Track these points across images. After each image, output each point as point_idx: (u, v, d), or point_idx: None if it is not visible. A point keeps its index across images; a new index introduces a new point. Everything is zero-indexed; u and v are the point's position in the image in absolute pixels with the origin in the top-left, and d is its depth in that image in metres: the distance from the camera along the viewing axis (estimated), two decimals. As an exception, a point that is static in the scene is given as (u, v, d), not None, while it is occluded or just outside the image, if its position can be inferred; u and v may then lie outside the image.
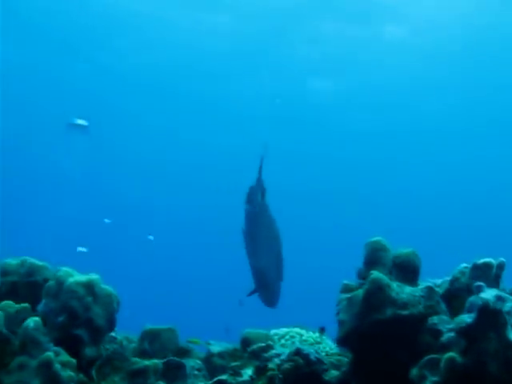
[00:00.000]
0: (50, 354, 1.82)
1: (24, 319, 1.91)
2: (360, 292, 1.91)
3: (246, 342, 2.39)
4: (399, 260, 1.98)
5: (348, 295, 1.96)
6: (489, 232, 12.61)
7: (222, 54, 11.82)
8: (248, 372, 2.13)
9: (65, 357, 1.86)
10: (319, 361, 2.03)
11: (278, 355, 2.11)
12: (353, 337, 1.91)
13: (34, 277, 2.10)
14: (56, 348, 1.87)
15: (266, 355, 2.14)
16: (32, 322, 1.84)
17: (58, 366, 1.80)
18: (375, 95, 12.61)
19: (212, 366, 2.35)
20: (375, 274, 1.89)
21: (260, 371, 2.08)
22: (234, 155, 12.85)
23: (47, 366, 1.79)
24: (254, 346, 2.24)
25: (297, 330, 2.55)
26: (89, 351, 1.94)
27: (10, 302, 1.97)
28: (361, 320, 1.88)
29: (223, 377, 2.11)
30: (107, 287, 2.02)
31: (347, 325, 1.91)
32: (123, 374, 2.05)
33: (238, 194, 4.11)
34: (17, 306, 1.96)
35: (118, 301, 2.03)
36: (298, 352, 2.03)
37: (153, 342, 2.29)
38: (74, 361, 1.86)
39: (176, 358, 2.18)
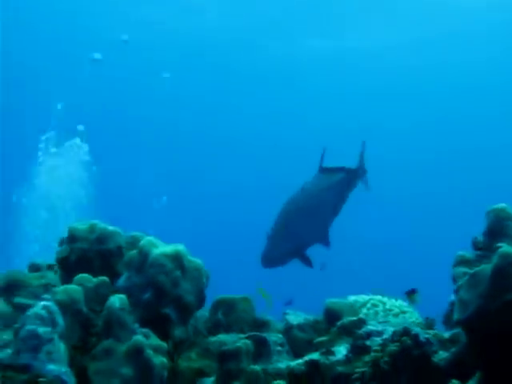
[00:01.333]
0: (139, 337, 1.59)
1: (104, 295, 1.68)
2: (487, 268, 1.68)
3: (330, 314, 2.17)
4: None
5: (468, 270, 1.73)
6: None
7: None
8: (341, 350, 1.92)
9: (155, 340, 1.63)
10: (428, 342, 1.82)
11: (378, 333, 1.89)
12: (479, 320, 1.69)
13: (106, 244, 1.85)
14: (144, 330, 1.64)
15: (360, 332, 1.93)
16: (117, 300, 1.60)
17: (149, 352, 1.57)
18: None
19: (292, 339, 2.13)
20: (506, 247, 1.66)
21: (358, 351, 1.87)
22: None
23: (138, 351, 1.56)
24: (345, 321, 2.02)
25: (378, 297, 2.34)
26: (178, 332, 1.71)
27: (86, 276, 1.73)
28: (489, 302, 1.66)
29: (314, 355, 1.90)
30: (195, 259, 1.77)
31: (471, 306, 1.69)
32: (199, 350, 1.83)
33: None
34: (95, 279, 1.72)
35: (207, 275, 1.79)
36: (405, 332, 1.82)
37: (228, 313, 2.06)
38: (164, 345, 1.63)
39: (259, 333, 1.97)
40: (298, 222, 3.73)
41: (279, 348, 2.01)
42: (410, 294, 2.37)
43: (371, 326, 1.94)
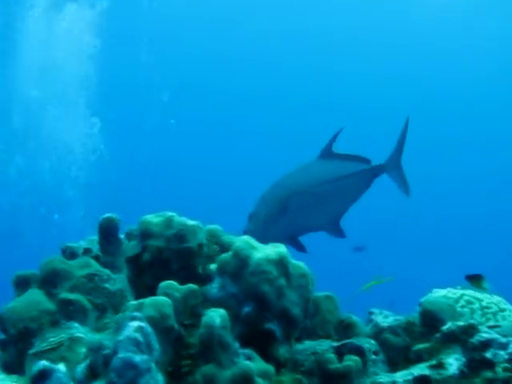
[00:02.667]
0: (246, 363, 1.32)
1: (194, 307, 1.41)
2: None
3: (427, 316, 1.91)
4: None
5: None
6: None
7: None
8: (451, 362, 1.67)
9: (260, 363, 1.37)
10: None
11: (500, 345, 1.64)
12: None
13: (187, 242, 1.56)
14: (246, 350, 1.37)
15: (474, 341, 1.67)
16: (218, 317, 1.33)
17: (259, 381, 1.31)
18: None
19: (384, 345, 1.87)
20: None
21: (475, 364, 1.62)
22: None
23: (246, 380, 1.30)
24: (452, 326, 1.77)
25: (470, 292, 2.09)
26: (282, 350, 1.44)
27: (173, 284, 1.45)
28: None
29: (422, 369, 1.65)
30: (300, 263, 1.50)
31: None
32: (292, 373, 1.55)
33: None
34: (182, 288, 1.45)
35: (313, 282, 1.51)
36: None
37: (312, 314, 1.80)
38: (271, 369, 1.37)
39: (353, 341, 1.71)
40: (301, 208, 3.42)
41: (374, 357, 1.76)
42: (476, 280, 2.09)
43: (485, 334, 1.70)
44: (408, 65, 13.61)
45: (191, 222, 1.57)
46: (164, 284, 1.41)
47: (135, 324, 1.23)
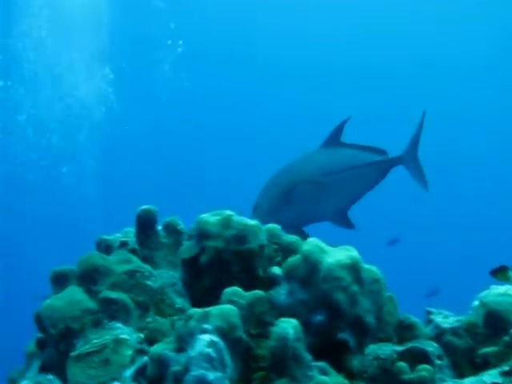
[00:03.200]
0: (323, 378, 1.23)
1: (260, 315, 1.31)
2: None
3: (492, 316, 1.81)
4: None
5: None
6: None
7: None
8: (522, 369, 1.57)
9: (335, 378, 1.27)
10: None
11: None
12: None
13: (248, 243, 1.46)
14: (320, 364, 1.28)
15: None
16: (291, 328, 1.23)
17: (336, 397, 1.22)
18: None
19: (447, 348, 1.77)
20: None
21: (552, 373, 1.52)
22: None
23: (323, 397, 1.21)
24: (520, 330, 1.67)
25: None
26: (356, 362, 1.34)
27: (238, 290, 1.35)
28: None
29: (495, 377, 1.55)
30: (372, 267, 1.40)
31: None
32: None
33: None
34: (248, 295, 1.35)
35: (386, 287, 1.41)
36: None
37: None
38: (347, 383, 1.28)
39: (417, 345, 1.62)
40: (306, 198, 3.29)
41: (438, 361, 1.67)
42: (501, 273, 1.97)
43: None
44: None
45: (251, 222, 1.47)
46: (228, 290, 1.31)
47: (207, 338, 1.13)
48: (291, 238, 1.50)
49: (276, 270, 1.44)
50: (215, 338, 1.12)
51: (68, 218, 10.72)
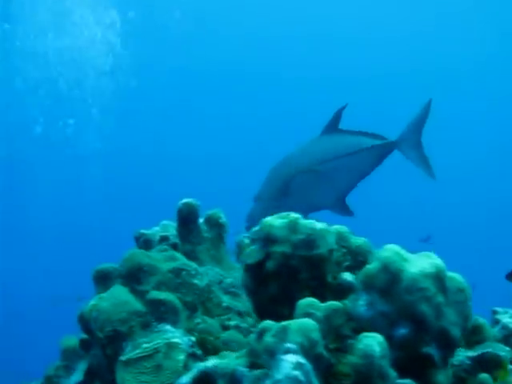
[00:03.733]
0: (412, 397, 1.14)
1: (338, 328, 1.22)
2: None
3: None
4: None
5: None
6: None
7: None
8: None
9: (421, 396, 1.19)
10: None
11: None
12: None
13: (317, 248, 1.37)
14: (406, 381, 1.19)
15: None
16: (377, 345, 1.15)
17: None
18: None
19: (515, 350, 1.68)
20: None
21: None
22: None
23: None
24: None
25: None
26: (441, 377, 1.26)
27: (314, 302, 1.26)
28: None
29: None
30: (456, 276, 1.30)
31: None
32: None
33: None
34: (324, 306, 1.26)
35: (471, 297, 1.32)
36: None
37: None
38: (433, 401, 1.19)
39: (490, 350, 1.53)
40: (304, 187, 3.22)
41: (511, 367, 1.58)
42: None
43: None
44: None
45: (319, 225, 1.38)
46: (304, 302, 1.22)
47: (293, 359, 1.05)
48: (359, 240, 1.41)
49: (347, 277, 1.35)
50: (301, 360, 1.04)
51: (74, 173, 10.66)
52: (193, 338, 1.64)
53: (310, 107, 11.74)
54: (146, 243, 2.13)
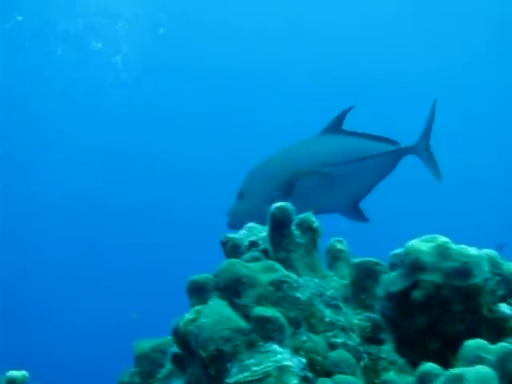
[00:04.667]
0: None
1: (511, 374, 1.11)
2: None
3: None
4: None
5: None
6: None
7: None
8: None
9: None
10: None
11: None
12: None
13: (473, 277, 1.25)
14: None
15: None
16: None
17: None
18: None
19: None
20: None
21: None
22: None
23: None
24: None
25: None
26: None
27: (483, 344, 1.12)
28: None
29: None
30: None
31: None
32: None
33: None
34: (495, 348, 1.12)
35: None
36: None
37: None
38: None
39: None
40: (312, 190, 3.08)
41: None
42: None
43: None
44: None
45: (473, 251, 1.26)
46: (472, 344, 1.10)
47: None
48: (512, 266, 1.31)
49: (506, 309, 1.24)
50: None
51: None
52: (303, 360, 1.53)
53: (309, 109, 11.71)
54: (233, 248, 2.01)
